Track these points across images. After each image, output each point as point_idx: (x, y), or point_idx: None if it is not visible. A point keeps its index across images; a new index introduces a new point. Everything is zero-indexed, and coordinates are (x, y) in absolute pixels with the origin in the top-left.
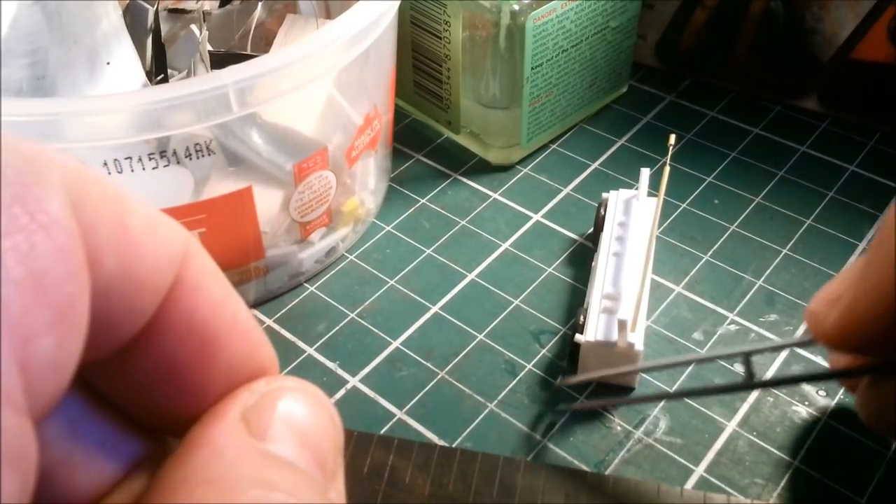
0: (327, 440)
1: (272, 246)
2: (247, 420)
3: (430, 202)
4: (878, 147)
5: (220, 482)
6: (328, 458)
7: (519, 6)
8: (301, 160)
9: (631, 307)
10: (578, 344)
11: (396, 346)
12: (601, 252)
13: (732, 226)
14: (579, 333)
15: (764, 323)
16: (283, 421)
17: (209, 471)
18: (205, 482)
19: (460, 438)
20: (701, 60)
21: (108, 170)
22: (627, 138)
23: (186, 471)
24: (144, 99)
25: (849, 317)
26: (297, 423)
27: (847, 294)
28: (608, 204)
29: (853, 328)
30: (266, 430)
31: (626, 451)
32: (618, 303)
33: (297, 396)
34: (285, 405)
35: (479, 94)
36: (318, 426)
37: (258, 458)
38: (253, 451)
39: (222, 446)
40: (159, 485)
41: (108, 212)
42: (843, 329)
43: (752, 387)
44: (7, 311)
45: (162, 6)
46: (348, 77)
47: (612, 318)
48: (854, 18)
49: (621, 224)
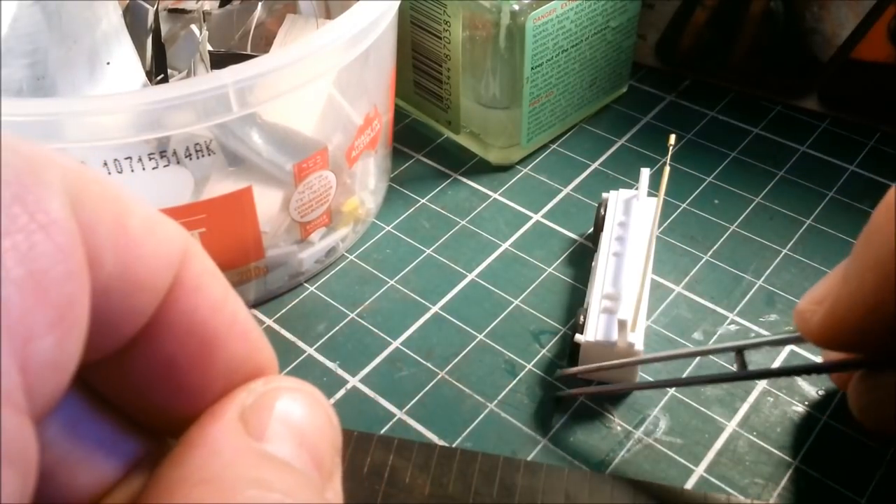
0: (325, 440)
1: (272, 246)
2: (244, 420)
3: (430, 202)
4: (878, 147)
5: (217, 482)
6: (325, 459)
7: (519, 6)
8: (301, 160)
9: (631, 307)
10: (578, 344)
11: (396, 346)
12: (601, 252)
13: (732, 226)
14: (579, 333)
15: (764, 323)
16: (280, 421)
17: (206, 470)
18: (202, 482)
19: (460, 438)
20: (701, 60)
21: (108, 170)
22: (627, 138)
23: (184, 470)
24: (144, 99)
25: (832, 317)
26: (294, 423)
27: (830, 295)
28: (608, 204)
29: (836, 327)
30: (263, 430)
31: (626, 451)
32: (618, 303)
33: (295, 396)
34: (283, 405)
35: (479, 94)
36: (315, 426)
37: (255, 458)
38: (250, 451)
39: (220, 446)
40: (157, 484)
41: (108, 212)
42: (827, 328)
43: (745, 377)
44: (7, 311)
45: (162, 6)
46: (348, 77)
47: (612, 318)
48: (854, 18)
49: (621, 224)
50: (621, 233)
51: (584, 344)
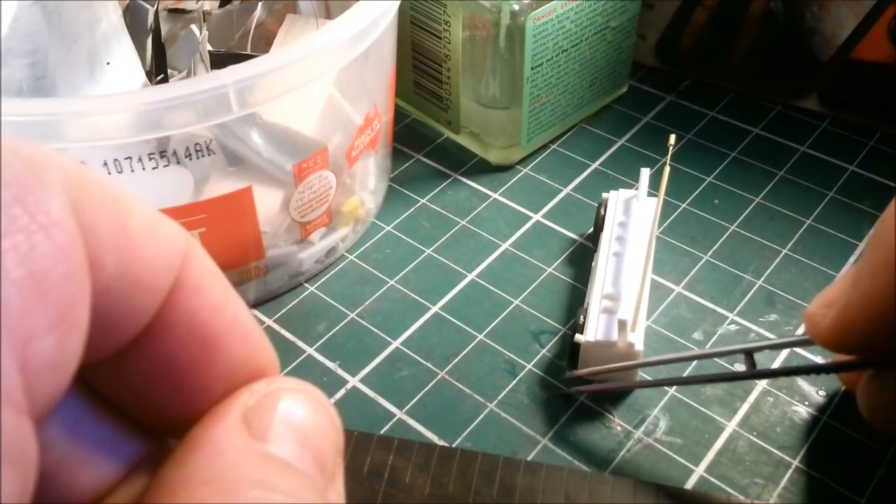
0: (327, 441)
1: (272, 246)
2: (247, 421)
3: (430, 202)
4: (878, 147)
5: (220, 483)
6: (328, 460)
7: (519, 6)
8: (301, 160)
9: (631, 307)
10: (578, 344)
11: (396, 346)
12: (601, 252)
13: (732, 226)
14: (579, 333)
15: (764, 323)
16: (283, 422)
17: (209, 471)
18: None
19: (460, 438)
20: (701, 60)
21: (108, 170)
22: (627, 138)
23: (186, 471)
24: (144, 99)
25: (841, 320)
26: (297, 424)
27: (840, 298)
28: (608, 204)
29: (846, 331)
30: (266, 432)
31: (626, 451)
32: (618, 302)
33: (298, 397)
34: (285, 406)
35: (479, 94)
36: (317, 427)
37: (258, 459)
38: (253, 452)
39: (222, 447)
40: (159, 485)
41: (108, 213)
42: (836, 331)
43: (755, 376)
44: (7, 312)
45: (162, 6)
46: (348, 77)
47: (612, 318)
48: (854, 18)
49: (621, 224)
50: (621, 233)
51: (584, 344)
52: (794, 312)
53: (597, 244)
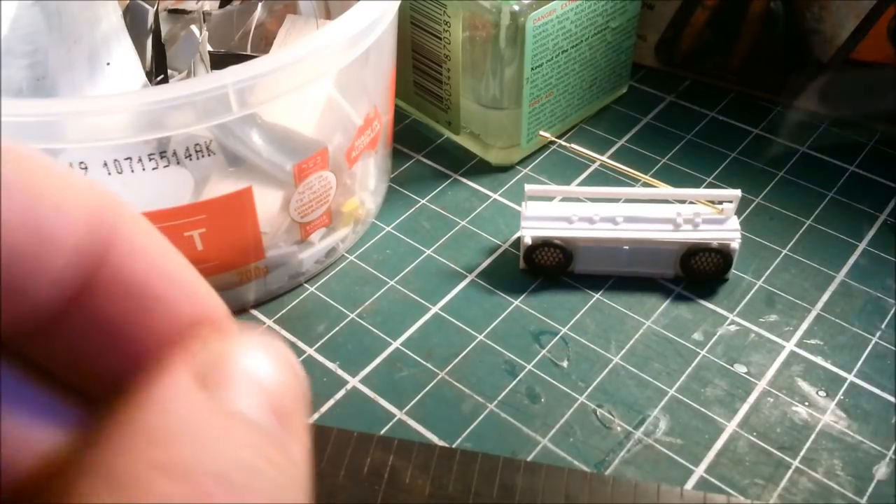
0: (288, 393)
1: (272, 246)
2: (200, 375)
3: (430, 202)
4: (878, 147)
5: (171, 442)
6: (290, 412)
7: (519, 6)
8: (301, 160)
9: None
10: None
11: (396, 347)
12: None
13: None
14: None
15: (764, 323)
16: (238, 373)
17: (158, 430)
18: (152, 443)
19: (460, 439)
20: (701, 60)
21: (108, 170)
22: (627, 138)
23: (130, 431)
24: (144, 99)
25: None
26: (254, 376)
27: None
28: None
29: None
30: (221, 385)
31: (626, 452)
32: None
33: (255, 348)
34: (242, 358)
35: (479, 94)
36: (276, 378)
37: (213, 415)
38: (207, 407)
39: (174, 404)
40: (101, 445)
41: (13, 169)
42: None
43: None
44: None
45: (162, 6)
46: (348, 77)
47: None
48: (854, 18)
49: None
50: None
51: None
52: (793, 313)
53: None
